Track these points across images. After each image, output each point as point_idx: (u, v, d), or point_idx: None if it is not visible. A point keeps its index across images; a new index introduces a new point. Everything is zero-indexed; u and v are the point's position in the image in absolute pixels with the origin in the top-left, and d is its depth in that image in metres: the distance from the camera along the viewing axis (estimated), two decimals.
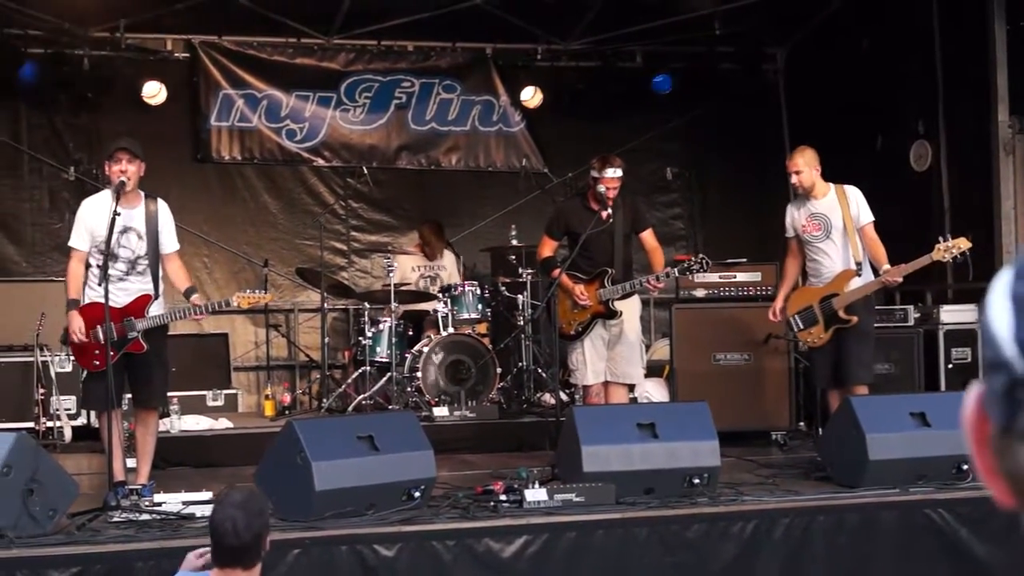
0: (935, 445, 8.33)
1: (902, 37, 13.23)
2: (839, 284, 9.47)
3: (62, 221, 13.55)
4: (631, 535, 7.56)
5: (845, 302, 9.38)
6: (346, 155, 14.49)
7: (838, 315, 9.38)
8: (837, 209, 9.56)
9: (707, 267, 9.66)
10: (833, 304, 9.41)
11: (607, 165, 9.72)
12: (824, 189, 9.68)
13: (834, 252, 9.55)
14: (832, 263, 9.56)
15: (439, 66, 14.77)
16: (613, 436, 8.08)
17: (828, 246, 9.57)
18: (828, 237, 9.56)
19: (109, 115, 13.64)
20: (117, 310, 8.36)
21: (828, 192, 9.67)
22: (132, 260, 8.58)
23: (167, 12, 13.00)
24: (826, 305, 9.45)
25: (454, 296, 12.40)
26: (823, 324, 9.49)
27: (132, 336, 8.41)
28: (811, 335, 9.60)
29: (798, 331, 9.72)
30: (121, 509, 7.60)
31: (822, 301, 9.49)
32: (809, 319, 9.56)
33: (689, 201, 15.32)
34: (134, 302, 8.49)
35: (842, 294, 9.42)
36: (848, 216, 9.51)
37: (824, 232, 9.56)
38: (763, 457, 10.15)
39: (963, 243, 9.26)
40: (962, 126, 12.24)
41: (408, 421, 8.30)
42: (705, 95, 14.66)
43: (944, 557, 7.95)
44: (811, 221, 9.64)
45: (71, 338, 8.39)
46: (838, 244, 9.55)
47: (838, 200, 9.59)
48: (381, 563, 7.11)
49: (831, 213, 9.56)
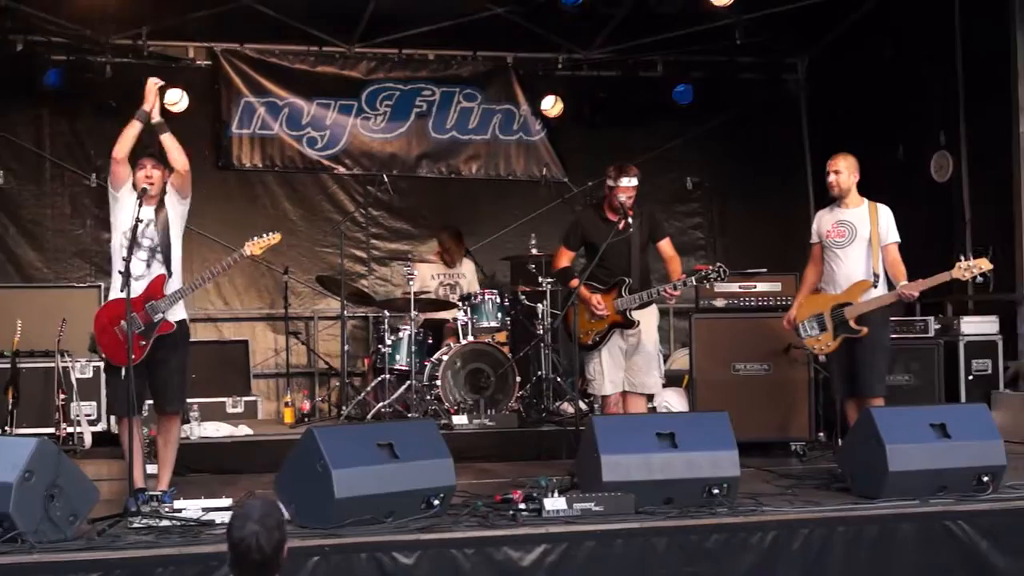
0: (955, 456, 8.33)
1: (923, 47, 13.27)
2: (854, 294, 9.44)
3: (83, 227, 13.66)
4: (650, 545, 7.52)
5: (857, 312, 9.35)
6: (367, 163, 14.55)
7: (848, 324, 9.35)
8: (866, 221, 9.57)
9: (724, 276, 9.63)
10: (845, 313, 9.38)
11: (623, 174, 9.70)
12: (857, 200, 9.71)
13: (853, 261, 9.53)
14: (848, 271, 9.54)
15: (460, 75, 14.83)
16: (633, 446, 8.05)
17: (848, 253, 9.55)
18: (851, 244, 9.55)
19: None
20: (138, 298, 8.43)
21: (861, 204, 9.70)
22: (152, 248, 8.64)
23: (189, 20, 13.10)
24: (837, 313, 9.42)
25: (474, 305, 12.44)
26: (832, 332, 9.46)
27: (159, 319, 8.49)
28: (819, 342, 9.59)
29: (806, 337, 9.68)
30: (141, 515, 7.58)
31: (834, 309, 9.46)
32: (819, 326, 9.55)
33: (709, 210, 15.36)
34: (151, 285, 8.55)
35: (855, 304, 9.39)
36: (876, 231, 9.53)
37: (848, 239, 9.56)
38: (782, 467, 10.11)
39: (984, 264, 9.26)
40: (983, 137, 12.25)
41: (427, 429, 8.26)
42: (726, 105, 14.74)
43: (964, 569, 7.91)
44: (836, 227, 9.65)
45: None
46: (859, 254, 9.52)
47: (868, 213, 9.62)
48: (400, 571, 7.10)
49: (859, 223, 9.57)
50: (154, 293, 8.52)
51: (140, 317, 8.41)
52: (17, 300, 12.36)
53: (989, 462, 8.40)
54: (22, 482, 6.98)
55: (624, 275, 9.68)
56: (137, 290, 8.45)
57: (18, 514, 6.94)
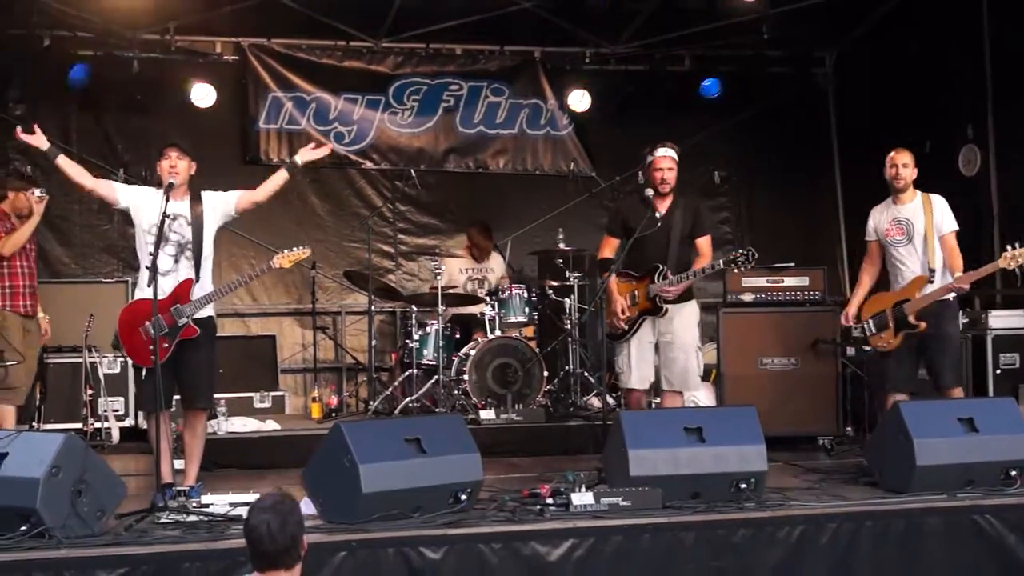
0: (983, 450, 8.33)
1: (952, 41, 13.19)
2: (911, 290, 9.54)
3: (111, 223, 13.70)
4: (677, 539, 7.53)
5: (915, 308, 9.43)
6: (394, 158, 14.59)
7: (908, 320, 9.44)
8: (921, 215, 9.67)
9: (753, 260, 9.53)
10: (904, 309, 9.47)
11: (660, 145, 9.70)
12: (912, 194, 9.83)
13: (913, 257, 9.64)
14: (911, 268, 9.65)
15: (487, 69, 14.85)
16: (660, 440, 8.06)
17: (909, 251, 9.67)
18: (910, 242, 9.67)
19: (158, 117, 13.74)
20: (165, 300, 8.44)
21: (915, 198, 9.81)
22: (181, 244, 8.66)
23: (216, 15, 13.12)
24: (898, 310, 9.52)
25: (501, 299, 12.47)
26: (893, 329, 9.53)
27: (183, 323, 8.49)
28: (882, 339, 9.64)
29: (870, 335, 9.76)
30: (168, 510, 7.64)
31: (894, 306, 9.56)
32: (880, 324, 9.63)
33: (737, 205, 15.38)
34: (178, 288, 8.55)
35: (913, 300, 9.47)
36: (930, 224, 9.62)
37: (906, 237, 9.68)
38: (810, 462, 10.11)
39: None
40: (1012, 131, 12.21)
41: (455, 424, 8.28)
42: (753, 99, 14.71)
43: (991, 563, 7.89)
44: (894, 225, 9.76)
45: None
46: (918, 250, 9.63)
47: (923, 206, 9.72)
48: (427, 565, 7.11)
49: (915, 218, 9.68)
50: (181, 297, 8.53)
51: (165, 319, 8.42)
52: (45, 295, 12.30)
53: (1017, 456, 8.39)
54: (49, 478, 7.01)
55: (659, 261, 9.57)
56: (165, 288, 8.46)
57: (46, 509, 6.96)
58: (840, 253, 15.36)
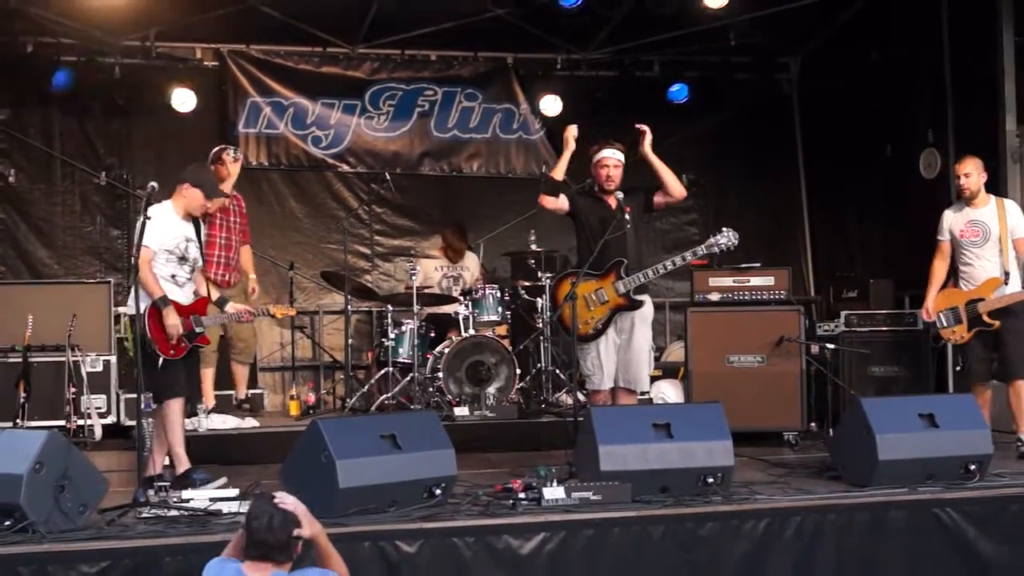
0: (943, 445, 8.44)
1: (912, 47, 13.32)
2: (986, 290, 9.96)
3: (93, 224, 13.81)
4: (647, 533, 7.60)
5: (989, 307, 9.88)
6: (370, 161, 14.71)
7: (982, 318, 9.87)
8: (996, 218, 10.06)
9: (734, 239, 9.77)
10: (978, 308, 9.91)
11: (605, 146, 9.80)
12: (985, 199, 10.20)
13: (989, 258, 10.05)
14: (985, 268, 10.05)
15: (461, 75, 14.98)
16: (629, 436, 8.10)
17: (985, 252, 10.07)
18: (986, 243, 10.05)
19: (140, 121, 13.95)
20: (185, 307, 8.99)
21: (989, 202, 10.20)
22: (193, 266, 9.19)
23: (196, 21, 13.17)
24: (972, 308, 9.98)
25: (475, 299, 12.56)
26: (967, 324, 9.99)
27: (200, 331, 9.08)
28: (954, 334, 10.12)
29: (941, 328, 10.18)
30: (150, 505, 7.67)
31: (968, 304, 10.00)
32: (955, 318, 10.04)
33: (704, 207, 15.44)
34: (196, 303, 9.12)
35: (987, 300, 9.89)
36: (1005, 228, 9.98)
37: (983, 238, 10.09)
38: (775, 457, 10.17)
39: None
40: (971, 135, 12.26)
41: (430, 420, 8.31)
42: (720, 103, 14.87)
43: (952, 555, 8.02)
44: (970, 227, 10.13)
45: (168, 331, 8.85)
46: (994, 251, 10.02)
47: (998, 210, 10.08)
48: (403, 559, 7.16)
49: (990, 221, 10.11)
50: (199, 310, 9.09)
51: (184, 324, 8.89)
52: (28, 296, 12.49)
53: (976, 451, 8.50)
54: (33, 474, 7.01)
55: (620, 257, 9.62)
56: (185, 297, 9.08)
57: (29, 505, 7.00)
58: (804, 253, 15.60)
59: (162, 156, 13.98)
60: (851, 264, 14.61)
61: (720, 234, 9.81)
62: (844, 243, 14.96)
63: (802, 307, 11.74)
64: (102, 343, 12.31)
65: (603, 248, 9.48)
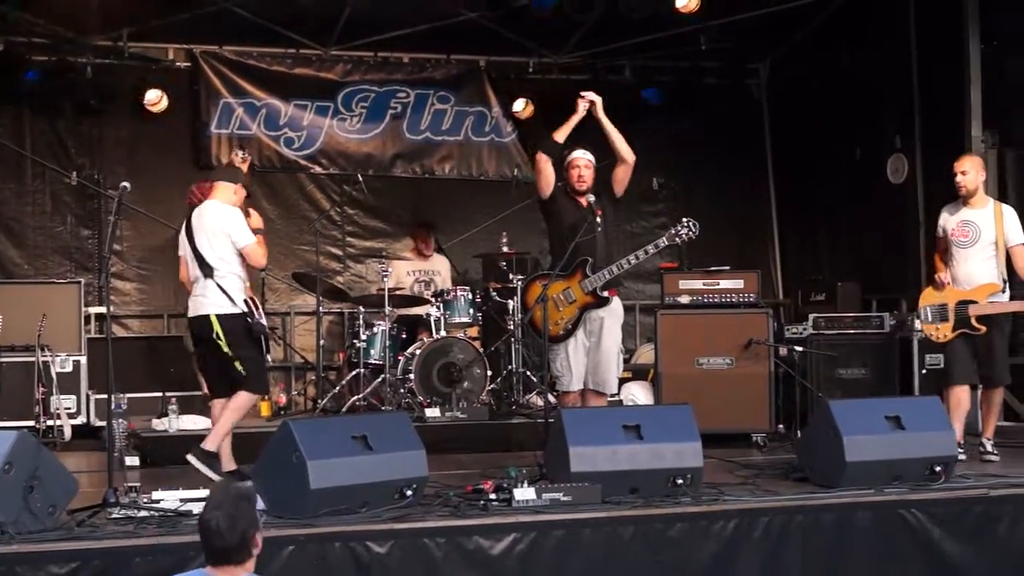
0: (909, 447, 8.49)
1: (881, 54, 13.48)
2: (981, 294, 9.67)
3: (64, 224, 13.80)
4: (616, 533, 7.62)
5: (980, 312, 9.59)
6: (343, 163, 14.74)
7: (970, 321, 9.61)
8: (991, 222, 9.74)
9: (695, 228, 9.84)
10: (968, 310, 9.61)
11: (577, 147, 9.81)
12: (984, 200, 9.89)
13: (974, 261, 9.75)
14: (968, 271, 9.77)
15: (434, 77, 15.03)
16: (600, 437, 8.13)
17: (971, 254, 9.76)
18: (973, 245, 9.75)
19: (111, 122, 13.95)
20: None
21: (987, 204, 9.88)
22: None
23: (169, 22, 13.17)
24: (961, 309, 9.66)
25: (446, 301, 12.60)
26: (952, 324, 9.70)
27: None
28: (937, 331, 9.80)
29: (924, 322, 9.89)
30: (120, 506, 7.62)
31: (959, 304, 9.70)
32: (940, 315, 9.76)
33: (675, 210, 15.27)
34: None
35: (980, 304, 9.61)
36: (1001, 232, 9.69)
37: (971, 240, 9.76)
38: (744, 458, 10.19)
39: None
40: (937, 140, 12.41)
41: (401, 421, 8.31)
42: (691, 107, 14.96)
43: (917, 555, 8.08)
44: (961, 227, 9.83)
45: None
46: (983, 255, 9.74)
47: (994, 214, 9.77)
48: (374, 559, 7.16)
49: (983, 223, 9.76)
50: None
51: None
52: None
53: (941, 452, 8.56)
54: (2, 474, 6.92)
55: (588, 256, 9.66)
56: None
57: None
58: (773, 256, 15.71)
59: (133, 156, 14.01)
60: (819, 267, 14.71)
61: (681, 225, 9.88)
62: (812, 246, 15.07)
63: (771, 310, 11.81)
64: (72, 343, 12.30)
65: (573, 250, 9.52)
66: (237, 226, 9.19)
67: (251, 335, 9.18)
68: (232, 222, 9.19)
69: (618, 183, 9.98)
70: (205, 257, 9.16)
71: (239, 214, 9.28)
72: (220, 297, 9.11)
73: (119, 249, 13.73)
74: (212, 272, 9.13)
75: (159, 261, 13.94)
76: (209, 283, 9.13)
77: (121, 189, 8.55)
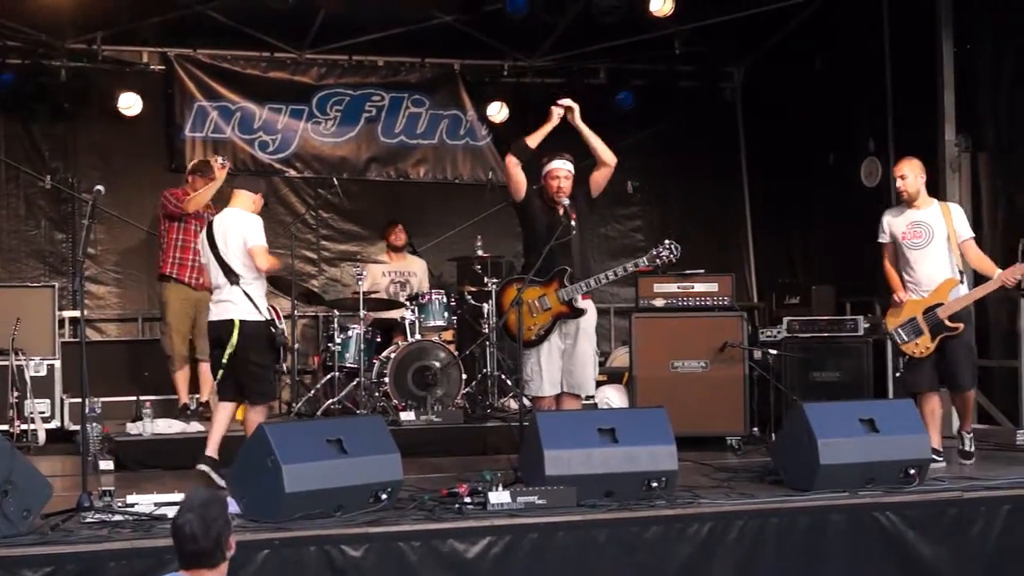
0: (883, 450, 8.52)
1: (854, 58, 13.53)
2: (942, 294, 9.61)
3: (38, 228, 13.74)
4: (591, 536, 7.64)
5: (950, 311, 9.52)
6: (317, 166, 14.72)
7: (944, 324, 9.53)
8: (941, 220, 9.75)
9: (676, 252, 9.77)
10: (938, 314, 9.53)
11: (555, 157, 9.75)
12: (927, 201, 9.88)
13: (933, 260, 9.71)
14: (930, 271, 9.72)
15: (408, 81, 15.02)
16: (574, 440, 8.13)
17: (928, 254, 9.72)
18: (929, 245, 9.73)
19: (86, 125, 13.89)
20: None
21: (932, 203, 9.88)
22: None
23: (143, 25, 13.18)
24: (931, 315, 9.57)
25: (421, 304, 12.61)
26: (929, 334, 9.61)
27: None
28: (917, 346, 9.67)
29: (902, 343, 9.76)
30: (94, 510, 7.62)
31: (926, 312, 9.62)
32: (914, 331, 9.66)
33: (649, 213, 15.55)
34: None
35: (946, 303, 9.55)
36: (952, 229, 9.69)
37: (925, 239, 9.74)
38: (719, 461, 10.22)
39: None
40: (911, 144, 12.27)
41: (376, 425, 8.31)
42: (665, 111, 14.97)
43: (891, 558, 8.12)
44: (912, 228, 9.80)
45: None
46: (940, 253, 9.71)
47: (942, 213, 9.79)
48: (348, 563, 7.16)
49: (934, 222, 9.76)
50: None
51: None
52: None
53: (915, 455, 8.59)
54: None
55: (565, 264, 9.63)
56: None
57: None
58: (747, 260, 15.76)
59: (108, 160, 13.98)
60: (793, 271, 14.76)
61: (662, 247, 9.84)
62: (786, 250, 15.11)
63: (745, 313, 11.84)
64: (46, 347, 12.27)
65: (549, 255, 9.48)
66: (254, 230, 9.44)
67: (272, 344, 9.37)
68: (251, 227, 9.46)
69: (596, 185, 9.97)
70: (231, 265, 9.33)
71: (259, 221, 9.56)
72: (247, 304, 9.28)
73: (93, 253, 13.69)
74: (238, 279, 9.30)
75: (133, 265, 13.95)
76: (235, 290, 9.30)
77: (95, 192, 8.59)
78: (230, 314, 9.28)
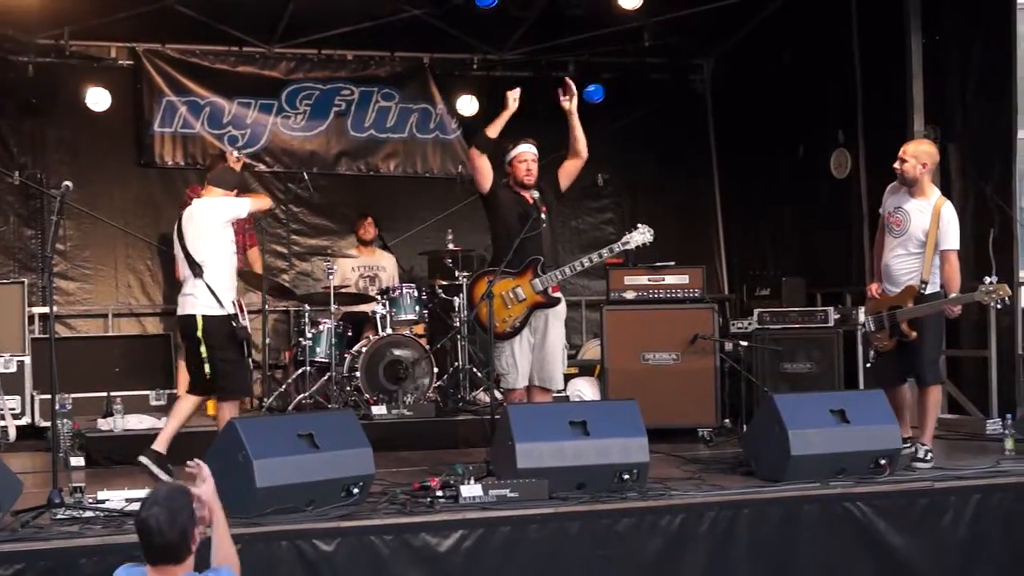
0: (854, 441, 8.57)
1: (823, 49, 13.55)
2: (904, 298, 9.39)
3: (7, 224, 13.67)
4: (563, 529, 7.64)
5: (906, 317, 9.31)
6: (287, 161, 14.69)
7: (900, 327, 9.35)
8: (927, 217, 9.31)
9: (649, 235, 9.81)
10: (897, 316, 9.38)
11: (521, 141, 9.83)
12: (925, 193, 9.42)
13: (899, 255, 9.45)
14: (897, 265, 9.47)
15: (378, 75, 15.00)
16: (546, 433, 8.14)
17: (899, 245, 9.45)
18: (902, 236, 9.40)
19: (54, 121, 13.83)
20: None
21: (927, 199, 9.39)
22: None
23: (111, 20, 13.09)
24: (891, 316, 9.42)
25: (392, 298, 12.61)
26: (888, 331, 9.48)
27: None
28: (879, 339, 9.57)
29: (870, 332, 9.69)
30: (65, 506, 7.58)
31: (890, 310, 9.46)
32: (879, 324, 9.53)
33: (620, 206, 15.58)
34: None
35: (905, 308, 9.35)
36: (935, 230, 9.27)
37: (902, 230, 9.41)
38: (690, 453, 10.22)
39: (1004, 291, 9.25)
40: (880, 135, 12.44)
41: (347, 419, 8.32)
42: (635, 104, 14.99)
43: (862, 547, 8.15)
44: (894, 213, 9.48)
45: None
46: (908, 249, 9.41)
47: (932, 211, 9.30)
48: (320, 557, 7.16)
49: (917, 217, 9.35)
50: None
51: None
52: None
53: (885, 446, 8.64)
54: None
55: (536, 255, 9.65)
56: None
57: None
58: (718, 252, 15.76)
59: (76, 155, 13.91)
60: (764, 263, 14.79)
61: (635, 230, 9.89)
62: (757, 242, 15.14)
63: (716, 305, 11.93)
64: (15, 344, 12.23)
65: (520, 246, 9.52)
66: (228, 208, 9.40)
67: (235, 338, 9.32)
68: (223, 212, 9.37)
69: (566, 176, 10.01)
70: (194, 256, 9.27)
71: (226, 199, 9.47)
72: (208, 298, 9.25)
73: (62, 248, 13.65)
74: (201, 272, 9.25)
75: (102, 260, 13.92)
76: (199, 283, 9.27)
77: (64, 188, 8.52)
78: (193, 309, 9.30)
